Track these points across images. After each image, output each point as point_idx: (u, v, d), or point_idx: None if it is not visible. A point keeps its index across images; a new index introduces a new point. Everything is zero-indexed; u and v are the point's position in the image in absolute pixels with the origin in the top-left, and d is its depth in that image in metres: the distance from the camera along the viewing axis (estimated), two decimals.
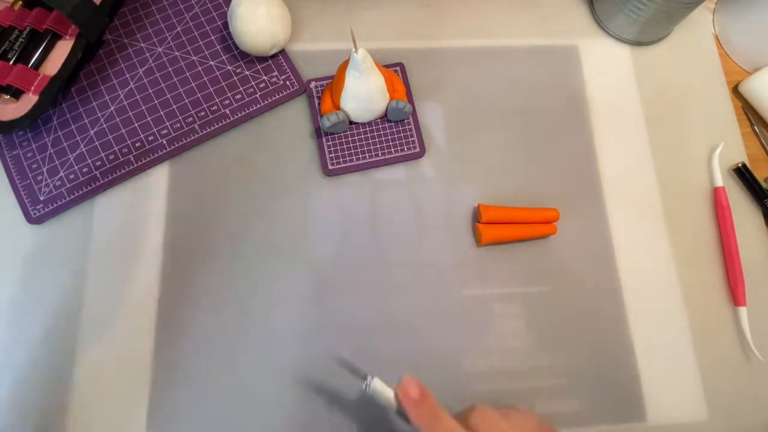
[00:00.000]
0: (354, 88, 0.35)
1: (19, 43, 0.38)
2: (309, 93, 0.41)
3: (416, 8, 0.45)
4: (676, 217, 0.41)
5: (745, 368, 0.37)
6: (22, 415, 0.34)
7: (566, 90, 0.43)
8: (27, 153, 0.39)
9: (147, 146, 0.39)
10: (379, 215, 0.39)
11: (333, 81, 0.39)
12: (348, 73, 0.34)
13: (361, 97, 0.35)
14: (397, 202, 0.40)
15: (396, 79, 0.40)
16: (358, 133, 0.40)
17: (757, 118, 0.44)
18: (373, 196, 0.39)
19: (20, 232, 0.38)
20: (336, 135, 0.40)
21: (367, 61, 0.33)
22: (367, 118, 0.38)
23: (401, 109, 0.38)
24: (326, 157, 0.39)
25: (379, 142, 0.40)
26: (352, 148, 0.40)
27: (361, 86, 0.35)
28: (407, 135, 0.40)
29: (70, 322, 0.36)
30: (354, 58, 0.33)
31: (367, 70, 0.34)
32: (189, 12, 0.43)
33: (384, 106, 0.38)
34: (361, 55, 0.32)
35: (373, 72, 0.34)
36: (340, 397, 0.35)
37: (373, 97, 0.35)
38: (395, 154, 0.40)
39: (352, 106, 0.37)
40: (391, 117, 0.40)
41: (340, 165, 0.39)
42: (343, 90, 0.36)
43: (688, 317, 0.38)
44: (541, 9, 0.46)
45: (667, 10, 0.40)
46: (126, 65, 0.41)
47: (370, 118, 0.39)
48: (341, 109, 0.38)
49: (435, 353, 0.36)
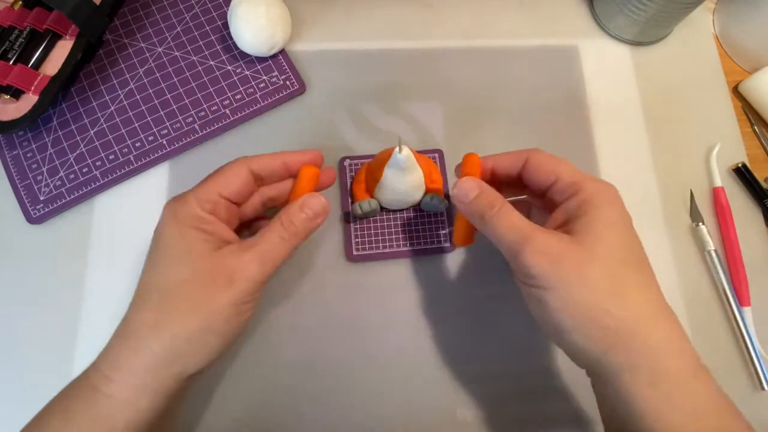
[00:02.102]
0: (392, 183, 0.34)
1: (19, 43, 0.38)
2: (341, 169, 0.39)
3: (416, 8, 0.45)
4: (676, 217, 0.41)
5: (746, 368, 0.37)
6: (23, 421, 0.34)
7: (566, 90, 0.43)
8: (27, 153, 0.39)
9: (147, 146, 0.39)
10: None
11: (370, 167, 0.36)
12: (388, 167, 0.33)
13: (398, 190, 0.34)
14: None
15: (434, 169, 0.37)
16: (388, 219, 0.38)
17: (757, 118, 0.44)
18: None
19: (20, 232, 0.38)
20: (364, 220, 0.38)
21: (410, 160, 0.32)
22: (400, 207, 0.37)
23: (436, 205, 0.37)
24: (351, 242, 0.38)
25: (408, 233, 0.38)
26: (379, 236, 0.38)
27: (399, 182, 0.33)
28: (438, 227, 0.38)
29: (70, 322, 0.36)
30: (397, 157, 0.31)
31: (408, 167, 0.32)
32: (189, 12, 0.43)
33: (419, 198, 0.37)
34: (404, 155, 0.31)
35: (414, 169, 0.33)
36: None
37: (410, 191, 0.34)
38: (425, 246, 0.38)
39: (387, 196, 0.36)
40: (424, 208, 0.38)
41: (365, 252, 0.37)
42: (380, 181, 0.35)
43: (688, 317, 0.38)
44: (540, 9, 0.46)
45: (667, 10, 0.40)
46: (126, 65, 0.41)
47: (403, 208, 0.37)
48: (374, 196, 0.36)
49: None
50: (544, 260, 0.24)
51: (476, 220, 0.28)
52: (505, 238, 0.26)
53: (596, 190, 0.26)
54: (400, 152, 0.31)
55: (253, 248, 0.27)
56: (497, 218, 0.26)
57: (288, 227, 0.28)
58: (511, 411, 0.36)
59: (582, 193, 0.26)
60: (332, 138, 0.41)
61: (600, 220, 0.25)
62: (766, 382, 0.36)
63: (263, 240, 0.27)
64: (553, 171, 0.27)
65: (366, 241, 0.38)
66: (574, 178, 0.27)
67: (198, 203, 0.27)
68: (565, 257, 0.24)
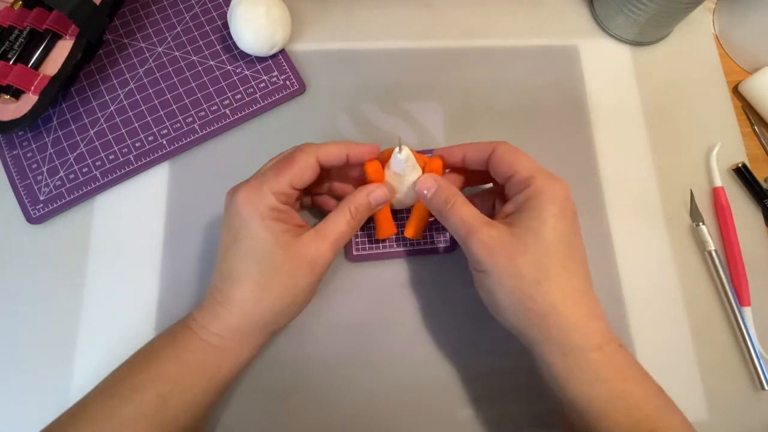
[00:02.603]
0: (391, 183, 0.34)
1: (19, 43, 0.38)
2: None
3: (416, 8, 0.45)
4: (676, 217, 0.41)
5: (746, 368, 0.37)
6: (22, 417, 0.34)
7: (566, 90, 0.43)
8: (27, 153, 0.39)
9: (147, 146, 0.39)
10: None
11: None
12: (388, 168, 0.33)
13: (399, 190, 0.34)
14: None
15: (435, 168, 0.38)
16: None
17: (757, 118, 0.44)
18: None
19: (20, 232, 0.38)
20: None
21: (410, 160, 0.32)
22: (400, 207, 0.36)
23: None
24: (352, 242, 0.38)
25: None
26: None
27: (400, 182, 0.34)
28: (439, 228, 0.38)
29: (70, 322, 0.36)
30: (397, 157, 0.32)
31: (408, 167, 0.33)
32: (189, 12, 0.43)
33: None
34: (404, 155, 0.32)
35: (414, 169, 0.33)
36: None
37: (410, 192, 0.34)
38: (424, 246, 0.38)
39: None
40: None
41: (365, 252, 0.38)
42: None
43: (688, 317, 0.38)
44: (541, 9, 0.46)
45: (667, 10, 0.40)
46: (126, 65, 0.41)
47: (403, 207, 0.37)
48: None
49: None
50: (485, 249, 0.28)
51: (436, 214, 0.32)
52: (457, 230, 0.30)
53: (544, 185, 0.29)
54: (400, 152, 0.31)
55: (328, 236, 0.30)
56: (451, 212, 0.30)
57: (355, 215, 0.31)
58: (511, 411, 0.36)
59: (531, 188, 0.29)
60: (332, 138, 0.41)
61: (539, 215, 0.28)
62: (766, 382, 0.36)
63: (335, 228, 0.31)
64: (511, 165, 0.30)
65: (366, 241, 0.38)
66: (530, 173, 0.29)
67: (276, 196, 0.29)
68: (501, 248, 0.28)
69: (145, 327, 0.36)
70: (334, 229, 0.31)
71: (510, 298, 0.28)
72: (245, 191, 0.30)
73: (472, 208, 0.30)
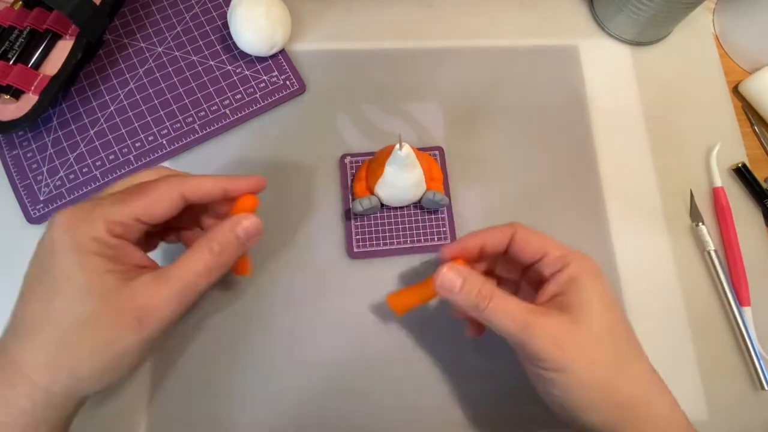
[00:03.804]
0: (392, 180, 0.34)
1: (19, 43, 0.38)
2: (342, 166, 0.39)
3: (416, 8, 0.45)
4: (676, 217, 0.41)
5: (746, 368, 0.37)
6: None
7: (566, 90, 0.43)
8: (27, 153, 0.39)
9: (147, 146, 0.39)
10: None
11: (371, 165, 0.37)
12: (388, 164, 0.33)
13: (398, 186, 0.34)
14: None
15: (434, 166, 0.38)
16: (388, 216, 0.38)
17: (757, 118, 0.44)
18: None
19: (20, 232, 0.37)
20: (365, 217, 0.38)
21: (410, 158, 0.32)
22: (400, 204, 0.37)
23: (438, 202, 0.36)
24: (353, 240, 0.38)
25: (408, 229, 0.38)
26: (380, 233, 0.38)
27: (400, 178, 0.34)
28: (440, 225, 0.38)
29: None
30: (397, 154, 0.32)
31: (408, 164, 0.33)
32: (189, 12, 0.43)
33: (419, 195, 0.37)
34: (404, 152, 0.31)
35: (414, 166, 0.33)
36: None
37: (410, 189, 0.34)
38: (425, 243, 0.38)
39: (388, 193, 0.36)
40: (425, 206, 0.38)
41: (366, 249, 0.37)
42: (380, 178, 0.35)
43: (688, 317, 0.38)
44: (541, 9, 0.46)
45: (667, 10, 0.40)
46: (126, 65, 0.41)
47: (403, 205, 0.37)
48: (375, 194, 0.36)
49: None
50: (551, 345, 0.25)
51: (471, 311, 0.27)
52: (507, 329, 0.26)
53: (583, 265, 0.27)
54: (401, 149, 0.31)
55: (173, 280, 0.24)
56: (493, 309, 0.26)
57: (219, 255, 0.25)
58: (511, 411, 0.36)
59: (570, 268, 0.27)
60: (332, 138, 0.41)
61: (591, 297, 0.26)
62: (766, 382, 0.36)
63: (186, 269, 0.24)
64: (541, 247, 0.28)
65: (367, 239, 0.38)
66: (562, 252, 0.28)
67: (106, 226, 0.23)
68: (570, 340, 0.25)
69: None
70: (184, 273, 0.24)
71: (593, 394, 0.25)
72: (68, 213, 0.23)
73: (514, 298, 0.26)
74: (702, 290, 0.39)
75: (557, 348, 0.25)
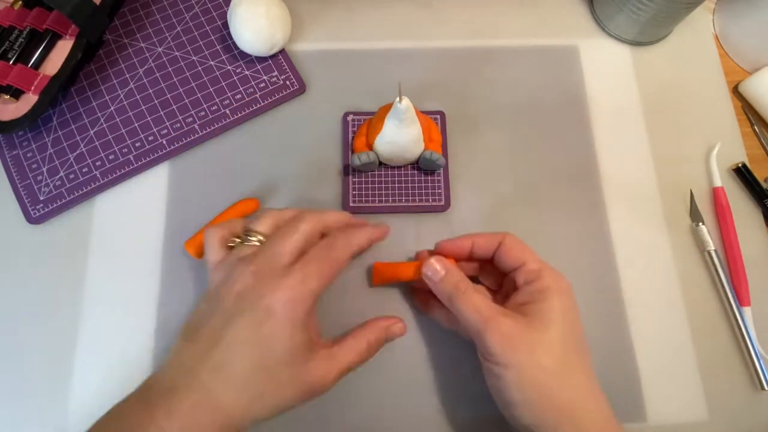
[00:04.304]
0: (391, 135, 0.34)
1: (19, 43, 0.38)
2: (345, 124, 0.40)
3: (416, 8, 0.45)
4: (676, 217, 0.41)
5: (746, 368, 0.37)
6: (22, 414, 0.34)
7: (566, 90, 0.43)
8: (27, 153, 0.39)
9: (147, 146, 0.39)
10: None
11: (372, 121, 0.37)
12: (388, 118, 0.34)
13: (397, 143, 0.34)
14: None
15: (434, 128, 0.38)
16: (386, 175, 0.39)
17: (757, 118, 0.44)
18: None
19: (20, 232, 0.38)
20: (363, 174, 0.39)
21: (410, 111, 0.32)
22: (398, 163, 0.37)
23: (434, 161, 0.37)
24: (349, 194, 0.38)
25: (404, 189, 0.39)
26: (377, 189, 0.39)
27: (398, 134, 0.34)
28: (435, 187, 0.39)
29: (70, 322, 0.36)
30: (397, 107, 0.32)
31: (407, 119, 0.33)
32: (189, 12, 0.43)
33: (417, 155, 0.37)
34: (404, 105, 0.32)
35: (413, 122, 0.34)
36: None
37: (408, 146, 0.34)
38: (419, 203, 0.38)
39: (386, 149, 0.36)
40: (422, 166, 0.38)
41: (361, 204, 0.38)
42: (379, 133, 0.35)
43: (687, 317, 0.38)
44: (541, 9, 0.46)
45: (667, 10, 0.40)
46: (126, 65, 0.41)
47: (401, 164, 0.38)
48: (374, 149, 0.37)
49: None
50: (504, 341, 0.27)
51: (444, 299, 0.31)
52: (469, 319, 0.29)
53: (554, 280, 0.29)
54: (401, 102, 0.31)
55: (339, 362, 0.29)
56: (463, 300, 0.29)
57: (368, 349, 0.30)
58: None
59: (542, 281, 0.29)
60: (331, 138, 0.41)
61: (553, 308, 0.28)
62: (766, 382, 0.36)
63: (348, 356, 0.29)
64: (520, 257, 0.30)
65: (363, 195, 0.38)
66: (538, 266, 0.30)
67: (313, 302, 0.27)
68: (521, 340, 0.27)
69: (145, 327, 0.36)
70: (347, 358, 0.29)
71: (530, 393, 0.27)
72: (289, 292, 0.27)
73: (484, 296, 0.30)
74: (702, 290, 0.39)
75: (509, 345, 0.27)
